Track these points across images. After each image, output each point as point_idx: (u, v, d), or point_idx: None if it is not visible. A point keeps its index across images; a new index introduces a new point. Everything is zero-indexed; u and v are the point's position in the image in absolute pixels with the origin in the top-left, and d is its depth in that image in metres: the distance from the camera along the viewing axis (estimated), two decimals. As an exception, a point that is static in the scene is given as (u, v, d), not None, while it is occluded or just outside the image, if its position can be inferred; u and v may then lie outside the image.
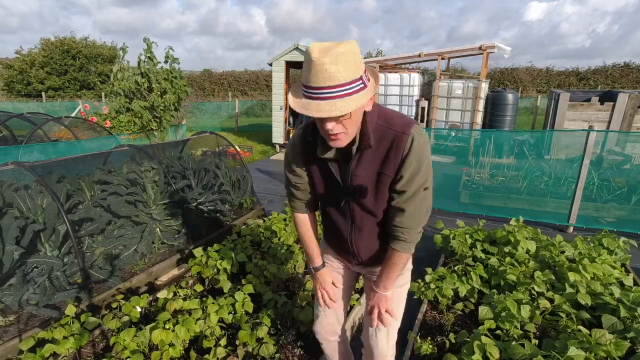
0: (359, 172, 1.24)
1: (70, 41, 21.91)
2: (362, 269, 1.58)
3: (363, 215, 1.35)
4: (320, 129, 1.15)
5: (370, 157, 1.22)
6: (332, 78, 1.00)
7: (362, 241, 1.43)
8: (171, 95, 5.29)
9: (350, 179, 1.26)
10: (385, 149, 1.20)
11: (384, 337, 1.51)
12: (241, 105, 17.16)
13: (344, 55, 1.00)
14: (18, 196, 2.81)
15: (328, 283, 1.56)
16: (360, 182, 1.25)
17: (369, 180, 1.25)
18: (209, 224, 3.85)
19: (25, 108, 14.84)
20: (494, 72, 21.77)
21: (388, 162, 1.20)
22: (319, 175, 1.35)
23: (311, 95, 1.04)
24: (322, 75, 1.00)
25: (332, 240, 1.56)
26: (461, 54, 8.09)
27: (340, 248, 1.54)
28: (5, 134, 6.07)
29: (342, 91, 1.02)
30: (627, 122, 7.12)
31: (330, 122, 1.08)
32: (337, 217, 1.43)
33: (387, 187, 1.25)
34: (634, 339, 1.88)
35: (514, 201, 4.97)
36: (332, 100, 1.02)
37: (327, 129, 1.09)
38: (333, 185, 1.33)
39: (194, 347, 2.17)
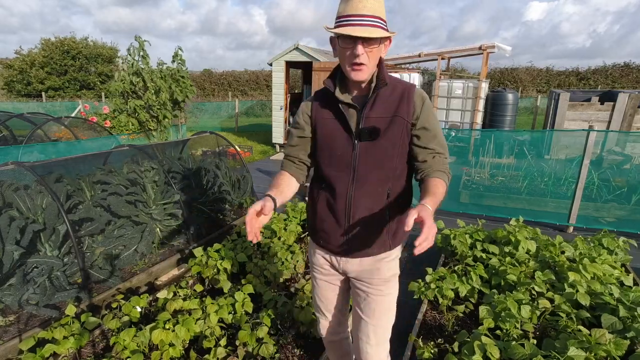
0: (373, 114, 1.32)
1: (70, 41, 21.92)
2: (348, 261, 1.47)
3: (368, 165, 1.34)
4: (347, 60, 1.26)
5: (384, 102, 1.33)
6: (372, 9, 1.20)
7: (361, 199, 1.36)
8: (166, 94, 5.30)
9: (364, 121, 1.32)
10: (397, 96, 1.33)
11: (375, 352, 1.52)
12: (241, 105, 17.17)
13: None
14: (18, 196, 2.81)
15: (256, 210, 1.23)
16: (373, 124, 1.32)
17: (382, 123, 1.32)
18: (209, 224, 3.85)
19: (25, 108, 14.84)
20: (494, 72, 21.78)
21: (401, 106, 1.32)
22: (329, 124, 1.38)
23: (350, 22, 1.20)
24: (362, 5, 1.19)
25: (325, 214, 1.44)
26: (461, 54, 8.09)
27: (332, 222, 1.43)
28: (5, 134, 6.06)
29: (377, 22, 1.20)
30: (627, 122, 7.13)
31: (361, 48, 1.21)
32: (338, 174, 1.38)
33: (399, 132, 1.32)
34: (633, 339, 1.88)
35: (514, 201, 4.97)
36: (369, 27, 1.19)
37: (357, 53, 1.21)
38: (343, 134, 1.36)
39: (194, 347, 2.18)
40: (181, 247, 3.46)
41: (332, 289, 1.60)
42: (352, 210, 1.38)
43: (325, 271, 1.57)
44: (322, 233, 1.48)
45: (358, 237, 1.41)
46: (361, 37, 1.18)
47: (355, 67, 1.25)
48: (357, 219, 1.38)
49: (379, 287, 1.48)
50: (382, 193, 1.37)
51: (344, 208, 1.38)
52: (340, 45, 1.25)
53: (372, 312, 1.49)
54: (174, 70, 5.36)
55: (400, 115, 1.31)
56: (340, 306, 1.65)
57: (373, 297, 1.49)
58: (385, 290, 1.48)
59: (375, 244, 1.42)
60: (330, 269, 1.56)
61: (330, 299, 1.62)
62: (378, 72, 1.32)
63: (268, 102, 17.73)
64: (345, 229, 1.40)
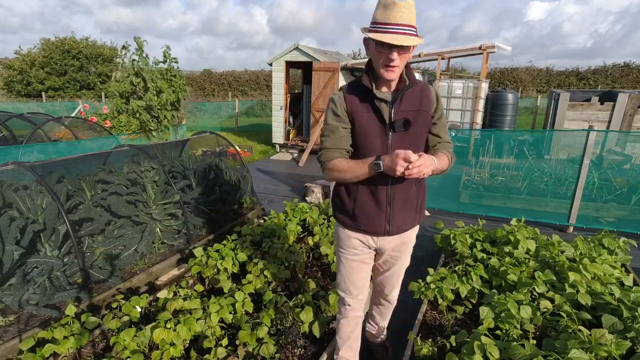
0: (402, 108, 1.54)
1: (71, 41, 21.90)
2: (386, 239, 1.71)
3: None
4: (382, 61, 1.43)
5: (409, 98, 1.55)
6: (407, 19, 1.35)
7: (399, 185, 1.59)
8: (168, 95, 5.29)
9: (395, 114, 1.53)
10: (418, 93, 1.57)
11: (395, 295, 2.01)
12: (241, 105, 17.17)
13: (412, 7, 1.37)
14: (18, 196, 2.81)
15: (400, 151, 1.38)
16: (404, 117, 1.53)
17: (412, 116, 1.54)
18: (209, 224, 3.85)
19: (25, 108, 14.84)
20: (494, 72, 21.78)
21: (424, 101, 1.57)
22: (366, 116, 1.55)
23: (389, 30, 1.36)
24: (400, 15, 1.34)
25: (367, 200, 1.64)
26: (461, 54, 8.08)
27: (374, 209, 1.63)
28: (5, 134, 6.06)
29: (411, 31, 1.37)
30: (627, 122, 7.12)
31: (396, 54, 1.39)
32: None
33: (423, 123, 1.58)
34: (634, 339, 1.88)
35: (514, 201, 4.97)
36: (405, 36, 1.36)
37: (392, 58, 1.40)
38: (378, 125, 1.54)
39: (194, 347, 2.18)
40: (181, 247, 3.46)
41: (362, 268, 1.81)
42: (392, 194, 1.61)
43: (359, 252, 1.76)
44: (363, 218, 1.67)
45: (397, 217, 1.65)
46: (399, 45, 1.35)
47: (389, 68, 1.44)
48: (396, 201, 1.62)
49: (405, 255, 1.85)
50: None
51: (385, 193, 1.60)
52: (377, 49, 1.42)
53: (397, 272, 1.90)
54: (164, 71, 5.33)
55: (423, 109, 1.57)
56: (366, 283, 1.88)
57: (399, 263, 1.85)
58: (407, 255, 1.87)
59: (409, 221, 1.71)
60: (364, 249, 1.76)
61: (360, 278, 1.82)
62: (406, 71, 1.53)
63: (268, 102, 17.73)
64: (387, 212, 1.63)
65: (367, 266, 1.83)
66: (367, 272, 1.85)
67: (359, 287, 1.84)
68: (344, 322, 1.94)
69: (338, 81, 8.15)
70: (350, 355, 1.98)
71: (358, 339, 2.00)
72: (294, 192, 6.08)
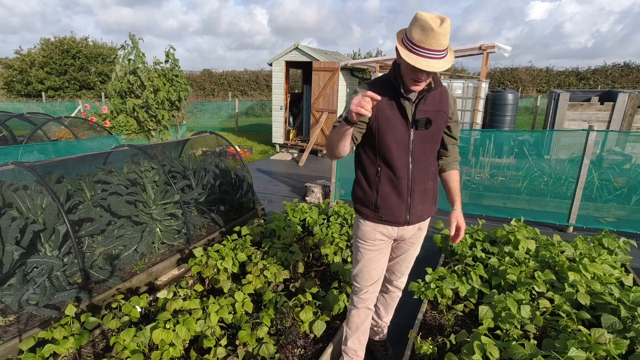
0: (425, 108, 1.63)
1: (70, 41, 21.89)
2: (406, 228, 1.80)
3: (422, 149, 1.67)
4: (411, 76, 1.50)
5: (431, 99, 1.64)
6: (442, 45, 1.39)
7: (418, 177, 1.70)
8: (168, 94, 5.29)
9: (418, 113, 1.62)
10: (438, 95, 1.66)
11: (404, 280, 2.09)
12: (241, 105, 17.16)
13: (448, 29, 1.40)
14: (18, 196, 2.81)
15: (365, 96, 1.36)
16: (426, 116, 1.62)
17: (433, 116, 1.63)
18: (209, 224, 3.85)
19: (25, 108, 14.84)
20: (494, 72, 21.77)
21: (442, 103, 1.67)
22: (390, 112, 1.61)
23: (422, 54, 1.41)
24: (436, 42, 1.38)
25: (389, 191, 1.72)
26: (461, 54, 8.08)
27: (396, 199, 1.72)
28: (5, 134, 6.06)
29: (443, 55, 1.43)
30: (627, 122, 7.13)
31: (426, 75, 1.47)
32: (399, 157, 1.66)
33: (442, 123, 1.68)
34: (633, 339, 1.88)
35: (514, 201, 4.97)
36: (437, 60, 1.41)
37: (422, 79, 1.49)
38: (401, 122, 1.62)
39: (194, 347, 2.18)
40: (181, 247, 3.46)
41: (380, 259, 1.87)
42: (413, 186, 1.71)
43: (379, 242, 1.83)
44: (385, 210, 1.74)
45: (417, 208, 1.75)
46: (430, 71, 1.41)
47: (417, 84, 1.52)
48: (416, 192, 1.73)
49: (419, 242, 1.95)
50: (429, 171, 1.75)
51: (406, 185, 1.70)
52: (408, 67, 1.46)
53: (409, 258, 1.98)
54: (167, 70, 5.34)
55: (443, 110, 1.66)
56: (381, 275, 1.94)
57: (412, 249, 1.94)
58: (420, 242, 1.96)
59: (427, 210, 1.82)
60: (384, 238, 1.83)
61: (376, 269, 1.88)
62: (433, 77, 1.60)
63: (268, 102, 17.72)
64: (407, 202, 1.73)
65: (385, 257, 1.90)
66: (384, 262, 1.91)
67: (375, 277, 1.90)
68: (355, 312, 1.97)
69: (338, 81, 8.15)
70: (358, 347, 2.02)
71: (367, 332, 2.03)
72: (294, 192, 6.08)
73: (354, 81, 8.90)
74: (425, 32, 1.37)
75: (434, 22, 1.36)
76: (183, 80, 5.53)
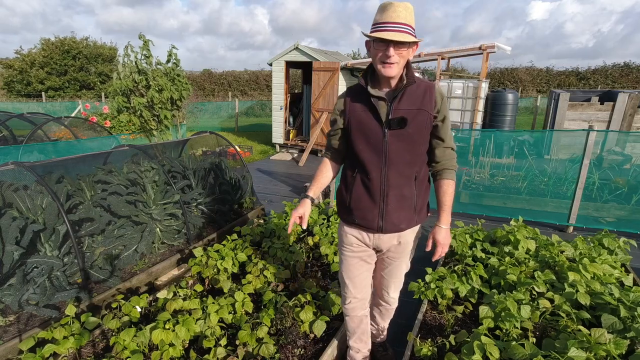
0: (401, 107, 1.53)
1: (71, 41, 21.90)
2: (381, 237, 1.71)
3: (397, 150, 1.56)
4: (380, 58, 1.46)
5: (410, 97, 1.54)
6: (404, 18, 1.41)
7: (393, 180, 1.60)
8: (171, 93, 5.30)
9: (393, 112, 1.53)
10: (421, 93, 1.55)
11: (393, 298, 1.95)
12: (241, 105, 17.16)
13: (409, 8, 1.43)
14: (18, 196, 2.81)
15: (299, 212, 1.68)
16: (401, 115, 1.53)
17: (410, 114, 1.53)
18: (209, 224, 3.85)
19: (25, 108, 14.84)
20: (494, 72, 21.77)
21: (425, 101, 1.54)
22: (361, 115, 1.59)
23: (386, 29, 1.41)
24: (396, 15, 1.40)
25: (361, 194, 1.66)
26: (461, 54, 8.08)
27: (368, 202, 1.65)
28: (5, 134, 6.06)
29: (407, 29, 1.41)
30: (627, 122, 7.12)
31: (392, 49, 1.42)
32: (372, 158, 1.60)
33: (423, 123, 1.55)
34: (633, 339, 1.88)
35: (514, 201, 4.97)
36: (401, 33, 1.40)
37: (388, 54, 1.42)
38: (374, 123, 1.57)
39: (194, 347, 2.18)
40: (181, 247, 3.46)
41: (360, 266, 1.82)
42: (386, 189, 1.61)
43: (355, 248, 1.78)
44: (357, 212, 1.69)
45: (392, 215, 1.64)
46: (393, 40, 1.39)
47: (387, 65, 1.46)
48: (390, 197, 1.62)
49: (402, 258, 1.81)
50: (411, 175, 1.61)
51: (379, 188, 1.61)
52: (375, 47, 1.46)
53: (394, 274, 1.86)
54: (169, 69, 5.35)
55: (424, 108, 1.54)
56: (366, 282, 1.87)
57: (396, 264, 1.82)
58: (405, 258, 1.83)
59: (405, 220, 1.67)
60: (361, 245, 1.77)
61: (358, 276, 1.83)
62: (407, 71, 1.54)
63: (268, 102, 17.72)
64: (380, 207, 1.63)
65: (366, 265, 1.82)
66: (366, 271, 1.84)
67: (358, 285, 1.84)
68: (348, 319, 1.98)
69: (338, 81, 8.15)
70: (361, 346, 2.04)
71: (367, 331, 2.04)
72: (294, 192, 6.08)
73: (354, 81, 8.90)
74: (385, 9, 1.42)
75: (393, 1, 1.44)
76: (185, 79, 5.54)
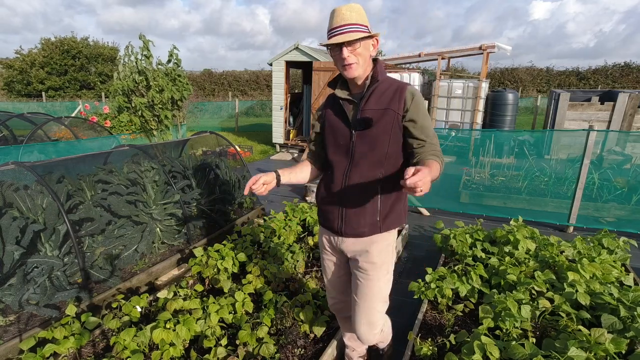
0: (368, 107, 1.52)
1: (71, 41, 21.90)
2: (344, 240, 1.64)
3: (362, 150, 1.53)
4: (339, 63, 1.48)
5: (378, 97, 1.52)
6: (348, 18, 1.42)
7: (355, 180, 1.55)
8: (172, 93, 5.31)
9: (360, 113, 1.52)
10: (391, 92, 1.51)
11: (366, 330, 1.70)
12: (241, 105, 17.16)
13: (355, 8, 1.44)
14: (18, 196, 2.81)
15: (258, 176, 1.58)
16: (367, 115, 1.51)
17: (376, 114, 1.50)
18: (209, 223, 3.85)
19: (25, 108, 14.85)
20: (494, 72, 21.77)
21: (393, 100, 1.49)
22: (332, 117, 1.62)
23: (334, 34, 1.44)
24: (340, 18, 1.43)
25: (325, 194, 1.67)
26: (461, 54, 8.08)
27: (329, 203, 1.65)
28: (5, 134, 6.07)
29: (354, 28, 1.42)
30: (627, 122, 7.12)
31: (345, 50, 1.43)
32: (339, 159, 1.59)
33: (390, 123, 1.49)
34: (633, 338, 1.88)
35: (514, 201, 4.97)
36: (347, 34, 1.42)
37: (343, 57, 1.44)
38: (342, 124, 1.58)
39: (194, 346, 2.18)
40: (181, 247, 3.46)
41: (335, 267, 1.79)
42: (347, 190, 1.57)
43: (328, 251, 1.77)
44: (323, 212, 1.70)
45: (351, 216, 1.59)
46: (343, 42, 1.41)
47: (346, 67, 1.47)
48: (351, 199, 1.57)
49: (369, 271, 1.63)
50: (374, 177, 1.54)
51: (340, 188, 1.59)
52: (332, 53, 1.49)
53: (363, 294, 1.65)
54: (169, 70, 5.36)
55: (391, 108, 1.49)
56: (344, 285, 1.82)
57: (363, 281, 1.64)
58: (374, 275, 1.63)
59: (366, 224, 1.58)
60: (330, 248, 1.75)
61: (334, 278, 1.82)
62: (373, 71, 1.53)
63: (268, 102, 17.72)
64: (340, 208, 1.61)
65: (339, 272, 1.79)
66: (344, 274, 1.80)
67: (337, 287, 1.84)
68: (338, 319, 2.03)
69: (338, 81, 8.15)
70: (356, 344, 2.06)
71: None
72: (294, 192, 6.09)
73: (354, 81, 8.89)
74: (331, 16, 1.46)
75: (338, 6, 1.46)
76: (185, 80, 5.55)
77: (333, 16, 1.46)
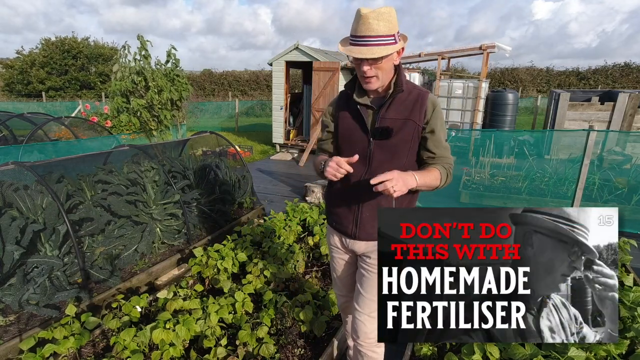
0: (388, 115, 1.47)
1: (71, 41, 21.89)
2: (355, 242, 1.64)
3: (380, 160, 1.49)
4: (358, 72, 1.44)
5: (399, 105, 1.47)
6: (373, 30, 1.32)
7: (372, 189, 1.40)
8: (171, 94, 5.30)
9: (379, 121, 1.47)
10: (412, 101, 1.47)
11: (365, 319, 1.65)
12: (241, 105, 17.16)
13: (384, 15, 1.32)
14: (18, 196, 2.81)
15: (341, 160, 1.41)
16: (387, 124, 1.46)
17: (396, 124, 1.46)
18: (209, 223, 3.85)
19: (25, 108, 14.84)
20: (494, 72, 21.75)
21: (414, 111, 1.45)
22: (349, 122, 1.55)
23: (356, 42, 1.35)
24: (366, 27, 1.32)
25: (340, 199, 1.63)
26: (461, 54, 8.08)
27: (344, 209, 1.61)
28: (5, 134, 6.07)
29: (380, 41, 1.33)
30: (627, 122, 7.12)
31: (366, 65, 1.37)
32: (354, 164, 1.47)
33: (410, 134, 1.46)
34: (633, 339, 1.88)
35: (514, 201, 4.97)
36: (370, 47, 1.33)
37: (363, 70, 1.38)
38: (360, 131, 1.52)
39: (194, 346, 2.18)
40: (181, 247, 3.46)
41: (346, 265, 1.79)
42: (363, 198, 1.55)
43: (340, 250, 1.76)
44: (335, 216, 1.68)
45: (366, 221, 1.58)
46: (363, 58, 1.34)
47: (366, 80, 1.42)
48: (367, 206, 1.56)
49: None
50: None
51: (357, 196, 1.56)
52: (351, 61, 1.44)
53: (369, 287, 1.64)
54: (168, 70, 5.36)
55: (412, 119, 1.45)
56: (353, 282, 1.81)
57: (372, 274, 1.63)
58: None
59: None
60: (342, 247, 1.75)
61: (344, 275, 1.82)
62: (396, 78, 1.47)
63: (268, 102, 17.71)
64: (356, 214, 1.58)
65: (351, 267, 1.80)
66: (353, 273, 1.81)
67: (346, 284, 1.85)
68: (344, 320, 2.00)
69: (338, 81, 8.15)
70: None
71: None
72: (294, 192, 6.09)
73: (354, 81, 8.89)
74: (357, 20, 1.35)
75: (366, 9, 1.32)
76: (184, 80, 5.54)
77: (358, 21, 1.34)
